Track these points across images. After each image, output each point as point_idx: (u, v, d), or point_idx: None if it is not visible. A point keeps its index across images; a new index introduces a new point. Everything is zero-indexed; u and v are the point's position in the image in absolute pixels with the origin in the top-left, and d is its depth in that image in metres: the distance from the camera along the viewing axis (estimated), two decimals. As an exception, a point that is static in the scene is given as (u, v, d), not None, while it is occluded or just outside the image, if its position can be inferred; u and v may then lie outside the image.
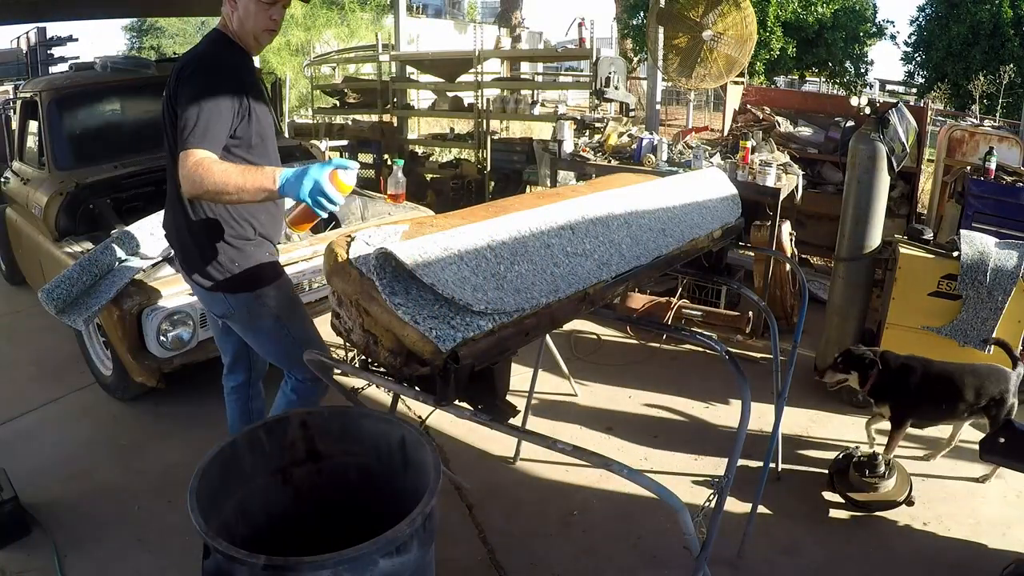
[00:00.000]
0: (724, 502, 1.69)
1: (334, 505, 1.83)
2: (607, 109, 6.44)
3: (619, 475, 1.32)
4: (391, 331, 1.32)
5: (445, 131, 8.62)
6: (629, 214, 1.85)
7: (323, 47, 13.90)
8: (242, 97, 1.94)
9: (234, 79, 1.93)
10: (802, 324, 2.55)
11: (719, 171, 2.50)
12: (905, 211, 5.27)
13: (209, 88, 1.86)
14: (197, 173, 1.73)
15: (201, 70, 1.92)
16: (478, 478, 2.79)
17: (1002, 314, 2.97)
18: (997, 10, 12.88)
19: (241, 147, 1.99)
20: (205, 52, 2.00)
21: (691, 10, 4.89)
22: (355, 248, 1.38)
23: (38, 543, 2.42)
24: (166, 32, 20.64)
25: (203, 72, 1.91)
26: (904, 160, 3.46)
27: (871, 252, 3.32)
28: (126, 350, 2.91)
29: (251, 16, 1.93)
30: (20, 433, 3.15)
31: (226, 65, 1.95)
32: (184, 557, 2.33)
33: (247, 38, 1.99)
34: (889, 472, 2.62)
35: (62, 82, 3.96)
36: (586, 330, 4.25)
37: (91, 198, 3.50)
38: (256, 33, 1.97)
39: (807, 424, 3.25)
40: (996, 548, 2.46)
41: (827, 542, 2.49)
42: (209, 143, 1.81)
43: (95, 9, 6.58)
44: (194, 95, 1.84)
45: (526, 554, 2.40)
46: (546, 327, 1.52)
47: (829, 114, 5.54)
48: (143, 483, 2.78)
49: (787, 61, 13.81)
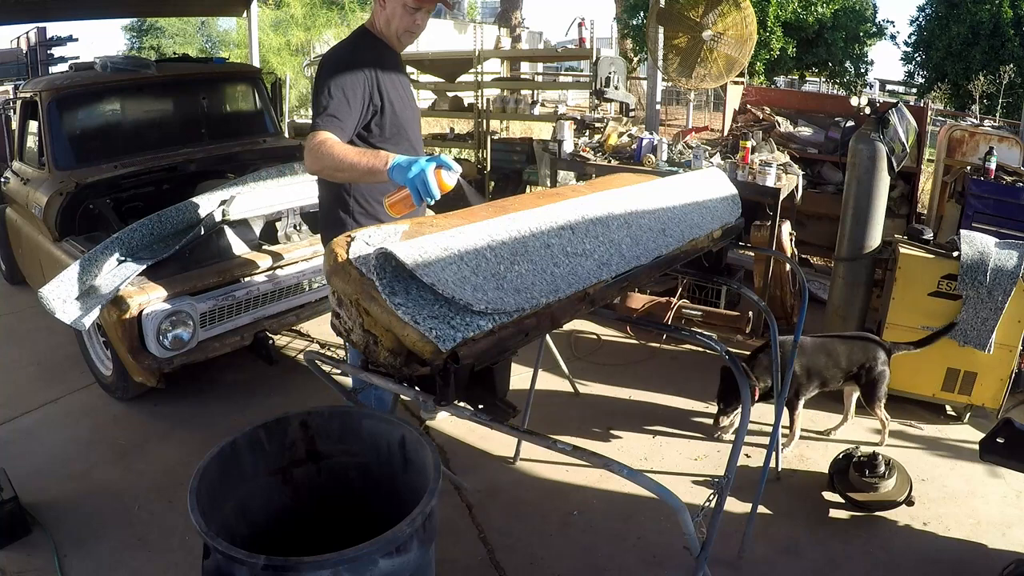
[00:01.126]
0: (724, 502, 1.70)
1: (334, 505, 1.83)
2: (607, 109, 6.44)
3: (619, 475, 1.32)
4: (391, 331, 1.32)
5: (445, 131, 8.62)
6: (629, 214, 1.85)
7: (323, 47, 13.91)
8: (374, 89, 2.11)
9: (367, 72, 2.09)
10: (802, 324, 2.55)
11: (719, 171, 2.50)
12: (905, 211, 5.27)
13: (340, 77, 2.04)
14: (319, 151, 1.93)
15: (337, 60, 2.11)
16: (478, 478, 2.80)
17: (1002, 314, 2.97)
18: (997, 10, 12.88)
19: (374, 138, 2.15)
20: (345, 45, 2.21)
21: (691, 10, 4.89)
22: (355, 248, 1.38)
23: (38, 543, 2.42)
24: (166, 32, 20.62)
25: (338, 63, 2.09)
26: (904, 160, 3.47)
27: (871, 252, 3.32)
28: (126, 350, 2.91)
29: (396, 18, 2.14)
30: (20, 433, 3.15)
31: (361, 59, 2.11)
32: (184, 557, 2.33)
33: (391, 37, 2.19)
34: (889, 472, 2.62)
35: (62, 82, 3.96)
36: (586, 330, 4.25)
37: (91, 198, 3.49)
38: (399, 34, 2.18)
39: (807, 424, 3.25)
40: (996, 548, 2.46)
41: (827, 542, 2.49)
42: (334, 126, 1.99)
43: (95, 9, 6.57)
44: (326, 82, 2.04)
45: (526, 554, 2.40)
46: (546, 327, 1.52)
47: (829, 114, 5.54)
48: (143, 483, 2.78)
49: (787, 61, 13.80)
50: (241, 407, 3.35)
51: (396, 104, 2.18)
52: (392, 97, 2.16)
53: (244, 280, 3.22)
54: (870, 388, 2.96)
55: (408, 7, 2.11)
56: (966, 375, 3.17)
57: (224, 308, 3.14)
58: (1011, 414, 3.17)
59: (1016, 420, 2.15)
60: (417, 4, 2.11)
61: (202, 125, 4.39)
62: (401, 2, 2.10)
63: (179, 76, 4.43)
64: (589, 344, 4.11)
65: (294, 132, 7.74)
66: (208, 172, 3.93)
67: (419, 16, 2.15)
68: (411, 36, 2.20)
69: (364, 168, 1.86)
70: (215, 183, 3.58)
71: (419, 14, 2.14)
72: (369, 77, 2.09)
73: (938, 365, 3.20)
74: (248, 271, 3.23)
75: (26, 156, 4.20)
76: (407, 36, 2.20)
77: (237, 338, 3.21)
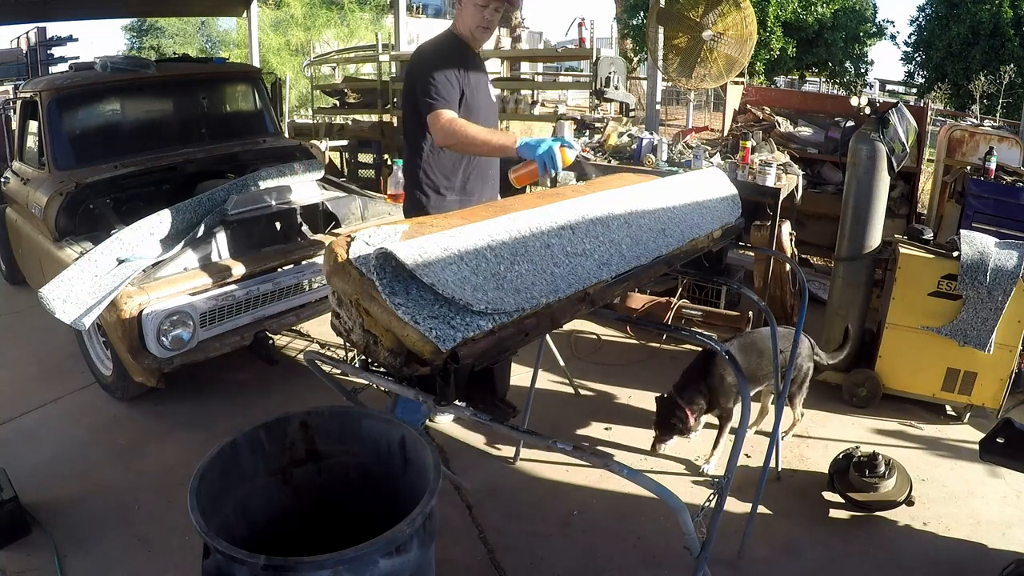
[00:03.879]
0: (724, 502, 1.69)
1: (334, 505, 1.83)
2: (607, 109, 6.43)
3: (619, 475, 1.32)
4: (391, 331, 1.32)
5: (445, 131, 8.60)
6: (629, 214, 1.85)
7: (323, 47, 13.91)
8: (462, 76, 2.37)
9: (456, 60, 2.38)
10: (802, 324, 2.55)
11: (719, 171, 2.50)
12: (905, 211, 5.27)
13: (441, 65, 2.34)
14: (451, 127, 2.25)
15: (433, 51, 2.43)
16: (478, 478, 2.80)
17: (1002, 314, 2.97)
18: (997, 10, 12.89)
19: None
20: (436, 42, 2.49)
21: (691, 10, 4.89)
22: (355, 248, 1.37)
23: (38, 543, 2.42)
24: (166, 32, 20.62)
25: (434, 53, 2.42)
26: (904, 160, 3.46)
27: (871, 252, 3.32)
28: (126, 350, 2.90)
29: (468, 15, 2.40)
30: (20, 433, 3.15)
31: (448, 50, 2.42)
32: (184, 557, 2.33)
33: (467, 34, 2.44)
34: (889, 472, 2.62)
35: (62, 82, 3.96)
36: (586, 330, 4.25)
37: (91, 198, 3.49)
38: (472, 30, 2.42)
39: (807, 424, 3.25)
40: (996, 548, 2.46)
41: (827, 542, 2.49)
42: (450, 106, 2.30)
43: (95, 9, 6.58)
44: (429, 71, 2.32)
45: (526, 554, 2.40)
46: (546, 327, 1.52)
47: (829, 114, 5.54)
48: (143, 483, 2.78)
49: (787, 61, 13.81)
50: (241, 407, 3.34)
51: (472, 96, 2.44)
52: (470, 89, 2.42)
53: (244, 280, 3.22)
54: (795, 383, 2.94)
55: (477, 5, 2.36)
56: (966, 375, 3.17)
57: (224, 308, 3.14)
58: (1011, 414, 3.17)
59: (1016, 420, 2.15)
60: (485, 1, 2.35)
61: (202, 125, 4.38)
62: (472, 1, 2.36)
63: (179, 76, 4.43)
64: (589, 344, 4.11)
65: (294, 132, 7.74)
66: (208, 172, 3.93)
67: (488, 12, 2.38)
68: (484, 32, 2.44)
69: (496, 144, 2.23)
70: (215, 183, 3.58)
71: (488, 10, 2.37)
72: (457, 67, 2.37)
73: (938, 365, 3.20)
74: (248, 271, 3.23)
75: (26, 156, 4.20)
76: (480, 32, 2.43)
77: (237, 338, 3.21)
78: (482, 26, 2.41)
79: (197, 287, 3.04)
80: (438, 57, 2.38)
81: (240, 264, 3.21)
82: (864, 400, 3.37)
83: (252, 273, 3.23)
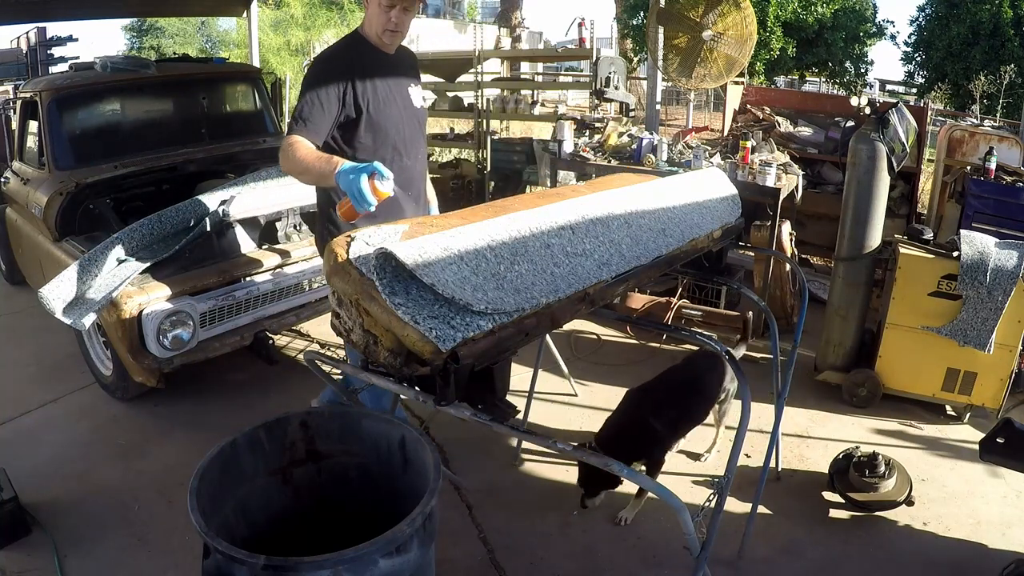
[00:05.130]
0: (724, 502, 1.69)
1: (334, 505, 1.83)
2: (607, 109, 6.44)
3: (619, 475, 1.32)
4: (391, 331, 1.32)
5: (445, 131, 8.62)
6: (629, 214, 1.85)
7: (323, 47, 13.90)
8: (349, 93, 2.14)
9: (344, 76, 2.13)
10: (802, 324, 2.55)
11: (719, 171, 2.50)
12: (905, 211, 5.27)
13: (317, 82, 2.11)
14: (286, 154, 2.03)
15: (317, 65, 2.19)
16: (478, 478, 2.80)
17: (1002, 314, 2.97)
18: (997, 10, 12.88)
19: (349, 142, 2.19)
20: (329, 49, 2.27)
21: (691, 10, 4.89)
22: (355, 248, 1.38)
23: (38, 543, 2.42)
24: (166, 32, 20.61)
25: (318, 68, 2.17)
26: (904, 160, 3.46)
27: (871, 252, 3.32)
28: (126, 350, 2.91)
29: (373, 17, 2.17)
30: (20, 433, 3.15)
31: (341, 63, 2.16)
32: (184, 557, 2.33)
33: (374, 37, 2.22)
34: (889, 472, 2.62)
35: (62, 82, 3.95)
36: (586, 330, 4.25)
37: (91, 198, 3.49)
38: (378, 32, 2.19)
39: (807, 424, 3.25)
40: (996, 548, 2.46)
41: (827, 542, 2.49)
42: (306, 130, 2.07)
43: (95, 9, 6.57)
44: (306, 85, 2.11)
45: (526, 554, 2.40)
46: (546, 327, 1.52)
47: (829, 114, 5.54)
48: (143, 483, 2.78)
49: (787, 61, 13.81)
50: (241, 407, 3.34)
51: (378, 107, 2.19)
52: (374, 100, 2.18)
53: (244, 280, 3.22)
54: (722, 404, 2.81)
55: (382, 5, 2.12)
56: (966, 375, 3.17)
57: (224, 308, 3.14)
58: (1011, 414, 3.17)
59: (1016, 420, 2.15)
60: (390, 2, 2.12)
61: (202, 125, 4.38)
62: (376, 1, 2.13)
63: (179, 76, 4.43)
64: (589, 344, 4.11)
65: (294, 132, 7.72)
66: (208, 172, 3.92)
67: (394, 14, 2.14)
68: (393, 35, 2.20)
69: (316, 173, 1.94)
70: (215, 183, 3.58)
71: (393, 12, 2.14)
72: (346, 81, 2.12)
73: (938, 365, 3.20)
74: (248, 271, 3.23)
75: (26, 156, 4.20)
76: (388, 36, 2.20)
77: (237, 338, 3.21)
78: (389, 29, 2.18)
79: (197, 287, 3.04)
80: (323, 72, 2.15)
81: (239, 264, 3.21)
82: (864, 400, 3.37)
83: (245, 275, 3.23)
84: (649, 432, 2.44)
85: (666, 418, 2.48)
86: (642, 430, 2.45)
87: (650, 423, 2.45)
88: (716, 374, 2.69)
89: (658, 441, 2.47)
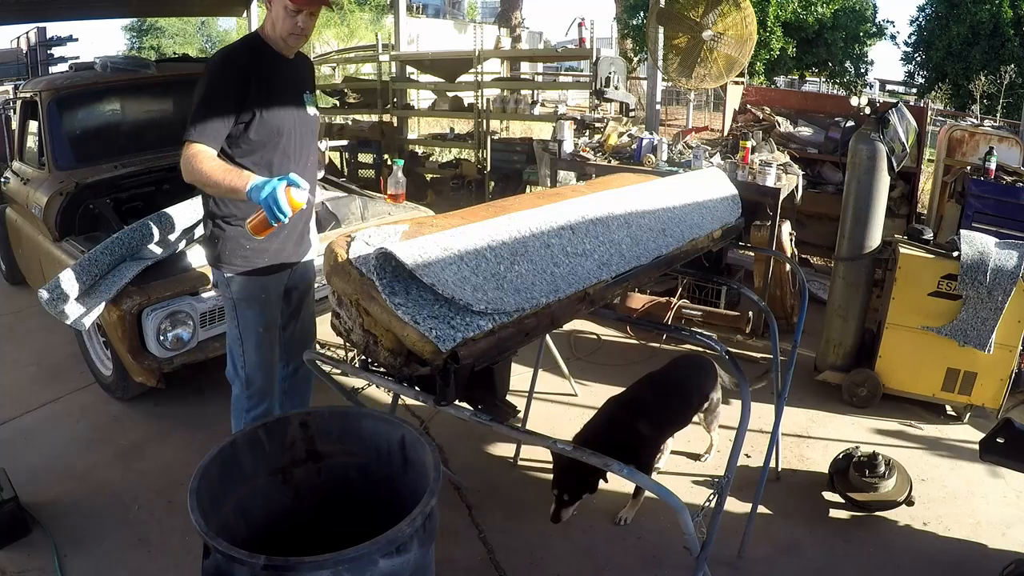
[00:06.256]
0: (724, 502, 1.70)
1: (334, 505, 1.83)
2: (607, 109, 6.44)
3: (619, 475, 1.32)
4: (391, 331, 1.32)
5: (445, 131, 8.62)
6: (629, 214, 1.86)
7: (323, 47, 13.90)
8: (243, 99, 2.04)
9: (242, 80, 2.04)
10: (802, 324, 2.55)
11: (719, 171, 2.51)
12: (905, 211, 5.27)
13: (213, 86, 2.02)
14: (191, 164, 1.96)
15: (212, 69, 2.07)
16: (478, 478, 2.79)
17: (1002, 314, 2.97)
18: (997, 10, 12.89)
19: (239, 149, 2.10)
20: (226, 51, 2.16)
21: (691, 10, 4.89)
22: (355, 248, 1.38)
23: (38, 543, 2.42)
24: (166, 32, 20.64)
25: (213, 71, 2.06)
26: (904, 160, 3.47)
27: (871, 252, 3.32)
28: (126, 350, 2.91)
29: (279, 19, 2.07)
30: (20, 433, 3.15)
31: (238, 66, 2.07)
32: (184, 557, 2.33)
33: (278, 41, 2.12)
34: (889, 472, 2.62)
35: (62, 82, 3.95)
36: (586, 330, 4.25)
37: (91, 198, 3.49)
38: (284, 36, 2.10)
39: (807, 424, 3.25)
40: (996, 548, 2.46)
41: (827, 542, 2.49)
42: (205, 137, 1.99)
43: (95, 9, 6.57)
44: (201, 89, 2.02)
45: (526, 554, 2.40)
46: (546, 327, 1.52)
47: (829, 114, 5.54)
48: (143, 483, 2.78)
49: (787, 61, 13.82)
50: (241, 407, 3.34)
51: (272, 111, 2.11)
52: (268, 104, 2.10)
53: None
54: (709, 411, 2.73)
55: (288, 9, 2.04)
56: (966, 375, 3.17)
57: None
58: (1011, 414, 3.17)
59: (1016, 420, 2.15)
60: (297, 7, 2.04)
61: (202, 125, 4.38)
62: (282, 4, 2.03)
63: (179, 76, 4.43)
64: (589, 344, 4.11)
65: (294, 132, 7.73)
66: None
67: (301, 19, 2.07)
68: (297, 39, 2.13)
69: (227, 187, 1.91)
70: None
71: (300, 16, 2.07)
72: (242, 84, 2.04)
73: (938, 365, 3.20)
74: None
75: (26, 156, 4.20)
76: (293, 39, 2.12)
77: (237, 338, 3.20)
78: (295, 33, 2.10)
79: (197, 287, 3.04)
80: (220, 75, 2.05)
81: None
82: (864, 400, 3.37)
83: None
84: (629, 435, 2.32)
85: (644, 422, 2.37)
86: (621, 433, 2.32)
87: (633, 427, 2.34)
88: (698, 380, 2.63)
89: (646, 448, 2.39)
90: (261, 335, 2.28)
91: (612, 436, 2.28)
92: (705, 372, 2.68)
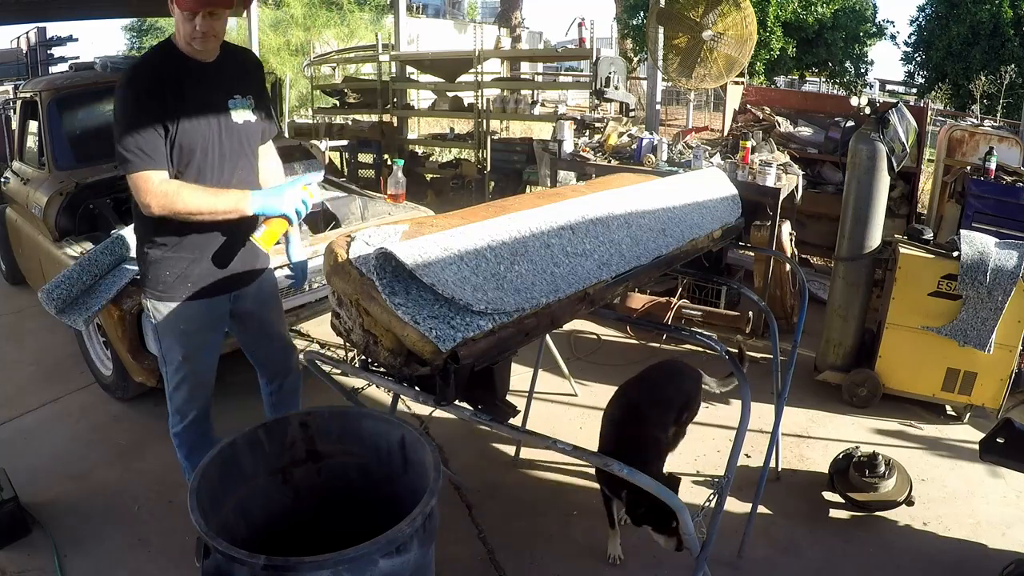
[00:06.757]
0: (724, 502, 1.70)
1: (334, 505, 1.83)
2: (607, 109, 6.44)
3: (619, 475, 1.32)
4: (391, 331, 1.32)
5: (445, 131, 8.63)
6: (629, 214, 1.85)
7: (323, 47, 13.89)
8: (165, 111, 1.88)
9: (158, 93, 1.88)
10: (802, 324, 2.55)
11: (719, 171, 2.51)
12: (905, 211, 5.27)
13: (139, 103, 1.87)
14: (166, 199, 1.84)
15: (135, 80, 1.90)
16: (478, 478, 2.79)
17: (1002, 314, 2.97)
18: (997, 10, 12.89)
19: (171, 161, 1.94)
20: (133, 64, 2.00)
21: (691, 10, 4.89)
22: (355, 248, 1.38)
23: (38, 543, 2.42)
24: (166, 32, 20.61)
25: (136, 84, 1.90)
26: (904, 160, 3.47)
27: (871, 252, 3.32)
28: (126, 350, 2.91)
29: (178, 24, 1.92)
30: (20, 433, 3.15)
31: (151, 75, 1.91)
32: (184, 557, 2.33)
33: (184, 44, 1.95)
34: (889, 472, 2.62)
35: (62, 82, 3.95)
36: (586, 330, 4.25)
37: (91, 198, 3.49)
38: (188, 41, 1.93)
39: (807, 424, 3.25)
40: (996, 548, 2.46)
41: (827, 542, 2.49)
42: (151, 162, 1.85)
43: (95, 9, 6.58)
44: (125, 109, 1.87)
45: (526, 554, 2.40)
46: (546, 327, 1.52)
47: (829, 114, 5.54)
48: (143, 483, 2.78)
49: (787, 61, 13.83)
50: (241, 407, 3.34)
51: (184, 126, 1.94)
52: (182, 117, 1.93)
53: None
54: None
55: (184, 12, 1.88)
56: (966, 375, 3.17)
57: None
58: (1011, 414, 3.16)
59: (1016, 420, 2.15)
60: (191, 11, 1.86)
61: (202, 125, 4.38)
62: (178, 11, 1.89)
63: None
64: (589, 344, 4.11)
65: (294, 132, 7.74)
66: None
67: (198, 22, 1.89)
68: (203, 42, 1.94)
69: (224, 210, 1.88)
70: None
71: (197, 19, 1.88)
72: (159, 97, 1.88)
73: (938, 365, 3.20)
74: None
75: (26, 156, 4.20)
76: (198, 42, 1.93)
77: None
78: (196, 37, 1.91)
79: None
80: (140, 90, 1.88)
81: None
82: (864, 400, 3.37)
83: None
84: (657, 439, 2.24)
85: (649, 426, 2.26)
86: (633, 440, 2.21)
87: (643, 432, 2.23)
88: (680, 388, 2.51)
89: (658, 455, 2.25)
90: (180, 363, 2.16)
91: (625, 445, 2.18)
92: (688, 383, 2.55)
